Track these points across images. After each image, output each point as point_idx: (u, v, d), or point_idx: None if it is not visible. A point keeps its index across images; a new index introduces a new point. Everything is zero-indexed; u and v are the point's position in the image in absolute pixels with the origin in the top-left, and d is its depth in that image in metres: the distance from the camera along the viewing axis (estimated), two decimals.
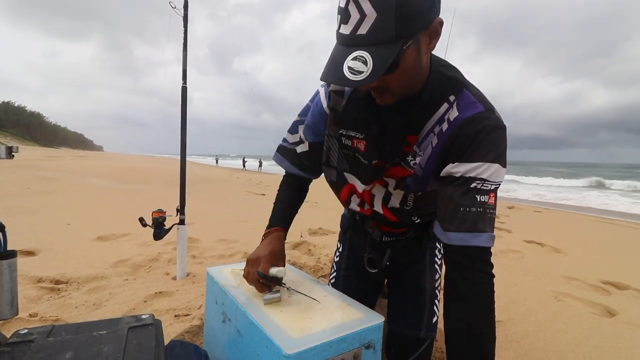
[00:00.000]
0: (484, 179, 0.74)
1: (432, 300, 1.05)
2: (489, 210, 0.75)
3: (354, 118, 0.91)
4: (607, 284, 2.22)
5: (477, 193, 0.74)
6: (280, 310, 0.79)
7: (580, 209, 8.11)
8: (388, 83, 0.72)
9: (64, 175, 8.51)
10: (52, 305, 1.51)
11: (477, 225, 0.73)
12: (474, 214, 0.74)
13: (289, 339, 0.66)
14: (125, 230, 2.94)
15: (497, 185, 0.76)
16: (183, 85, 1.85)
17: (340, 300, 0.87)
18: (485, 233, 0.73)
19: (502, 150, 0.77)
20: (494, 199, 0.76)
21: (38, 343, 0.74)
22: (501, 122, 0.78)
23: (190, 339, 1.26)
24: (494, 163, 0.75)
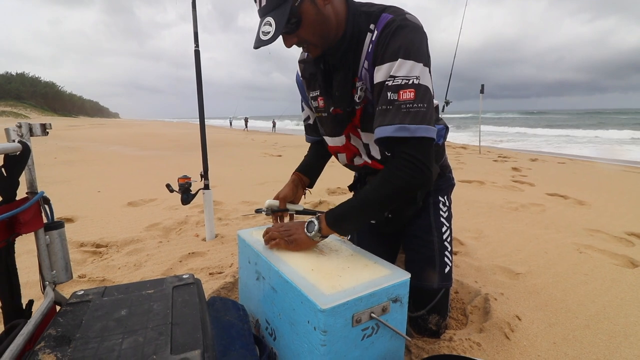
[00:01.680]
0: (393, 76, 0.82)
1: (441, 252, 1.12)
2: (402, 105, 0.81)
3: (308, 76, 1.08)
4: (632, 235, 2.20)
5: (388, 91, 0.83)
6: (312, 269, 0.84)
7: (607, 158, 7.80)
8: (303, 37, 0.87)
9: (86, 144, 8.76)
10: (97, 267, 1.64)
11: (384, 120, 0.83)
12: (384, 112, 0.83)
13: (323, 295, 0.71)
14: (153, 196, 3.07)
15: (411, 80, 0.81)
16: (196, 49, 1.81)
17: (367, 258, 0.91)
18: (392, 125, 0.81)
19: (410, 44, 0.82)
20: (412, 93, 0.81)
21: (95, 302, 0.82)
22: (408, 21, 0.85)
23: (226, 294, 1.36)
24: (404, 59, 0.82)
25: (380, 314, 0.76)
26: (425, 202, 1.16)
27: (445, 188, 1.21)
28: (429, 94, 0.82)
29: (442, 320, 1.11)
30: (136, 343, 0.66)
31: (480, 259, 1.79)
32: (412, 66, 0.81)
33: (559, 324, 1.24)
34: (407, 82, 0.81)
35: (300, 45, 0.92)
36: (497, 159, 6.47)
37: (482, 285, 1.49)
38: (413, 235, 1.17)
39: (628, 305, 1.37)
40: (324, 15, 0.86)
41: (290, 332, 0.81)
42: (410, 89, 0.80)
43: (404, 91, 0.80)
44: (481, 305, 1.33)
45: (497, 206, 2.87)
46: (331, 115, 1.03)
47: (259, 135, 15.47)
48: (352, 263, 0.89)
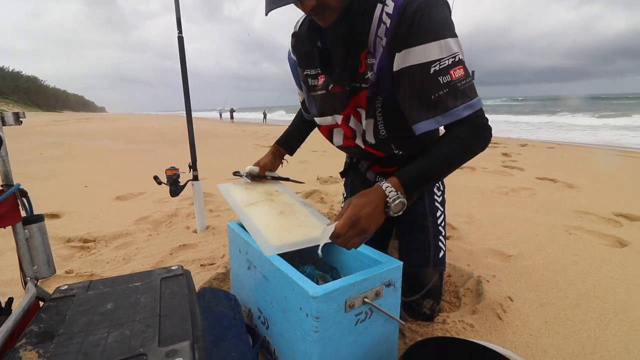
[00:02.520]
0: (438, 59, 0.76)
1: (436, 237, 1.11)
2: (458, 84, 0.77)
3: (303, 52, 1.00)
4: (620, 216, 2.24)
5: (438, 75, 0.77)
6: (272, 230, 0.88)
7: (595, 142, 7.92)
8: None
9: (72, 139, 8.56)
10: (85, 262, 1.60)
11: (447, 105, 0.77)
12: (443, 97, 0.77)
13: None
14: (141, 189, 3.01)
15: (457, 57, 0.77)
16: (179, 35, 1.74)
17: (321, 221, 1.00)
18: (456, 108, 0.77)
19: (443, 21, 0.78)
20: (461, 70, 0.77)
21: (79, 297, 0.79)
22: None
23: (218, 285, 1.34)
24: (442, 39, 0.76)
25: (374, 299, 0.75)
26: None
27: None
28: (466, 65, 0.80)
29: (436, 304, 1.12)
30: (122, 336, 0.64)
31: (472, 243, 1.80)
32: (452, 43, 0.77)
33: (550, 304, 1.25)
34: (454, 59, 0.77)
35: (317, 10, 0.80)
36: None
37: (475, 268, 1.50)
38: (408, 220, 1.15)
39: (617, 283, 1.39)
40: None
41: (282, 320, 0.79)
42: (459, 65, 0.77)
43: (454, 70, 0.77)
44: (474, 287, 1.34)
45: (488, 191, 2.89)
46: (330, 93, 0.96)
47: (250, 127, 15.31)
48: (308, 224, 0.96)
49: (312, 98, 1.07)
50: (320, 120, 1.07)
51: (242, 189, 1.19)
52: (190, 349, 0.60)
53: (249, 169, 1.25)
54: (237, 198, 1.12)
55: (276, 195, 1.17)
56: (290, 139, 1.35)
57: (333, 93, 0.95)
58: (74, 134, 10.48)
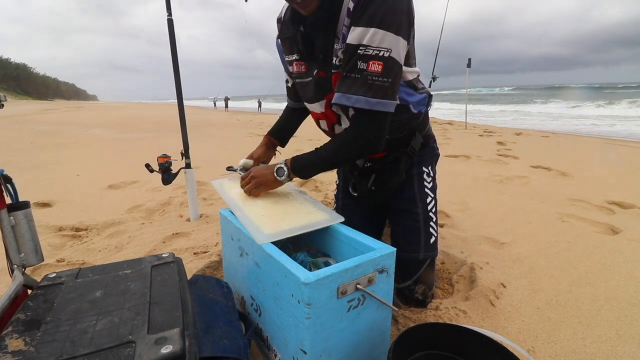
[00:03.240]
0: (366, 45, 0.80)
1: (426, 223, 1.12)
2: (369, 76, 0.81)
3: (287, 38, 1.02)
4: (613, 203, 2.25)
5: (359, 59, 0.81)
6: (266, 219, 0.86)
7: (590, 132, 7.95)
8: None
9: (63, 127, 8.41)
10: (77, 251, 1.58)
11: (352, 88, 0.83)
12: (352, 79, 0.83)
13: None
14: (134, 178, 2.97)
15: (382, 52, 0.80)
16: (169, 17, 1.69)
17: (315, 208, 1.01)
18: (356, 95, 0.82)
19: (391, 15, 0.79)
20: (380, 66, 0.80)
21: (68, 285, 0.77)
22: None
23: (211, 273, 1.33)
24: (377, 28, 0.79)
25: (367, 285, 0.74)
26: (409, 173, 1.14)
27: (429, 158, 1.18)
28: (396, 68, 0.83)
29: (429, 290, 1.12)
30: (111, 324, 0.63)
31: (466, 230, 1.80)
32: (385, 37, 0.79)
33: (543, 290, 1.26)
34: (378, 53, 0.80)
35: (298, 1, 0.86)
36: (482, 133, 6.51)
37: (468, 255, 1.51)
38: (398, 207, 1.16)
39: (609, 270, 1.41)
40: None
41: (275, 307, 0.79)
42: (379, 61, 0.80)
43: (373, 62, 0.81)
44: (467, 274, 1.34)
45: (483, 179, 2.89)
46: (315, 79, 0.99)
47: (244, 116, 15.15)
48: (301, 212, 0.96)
49: (298, 86, 1.10)
50: (312, 107, 1.09)
51: (237, 184, 1.16)
52: (180, 336, 0.60)
53: (243, 162, 1.23)
54: (232, 194, 1.10)
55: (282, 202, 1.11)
56: (281, 130, 1.34)
57: (318, 78, 0.98)
58: (66, 122, 10.30)
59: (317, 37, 0.94)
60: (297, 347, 0.71)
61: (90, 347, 0.56)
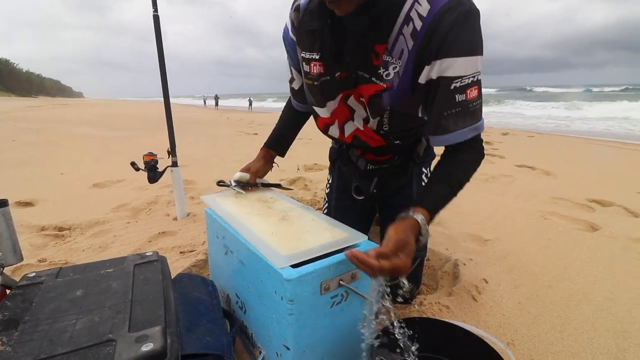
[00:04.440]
0: (461, 77, 0.74)
1: None
2: (470, 104, 0.77)
3: (309, 31, 0.87)
4: (593, 201, 2.32)
5: (456, 92, 0.75)
6: (278, 237, 0.82)
7: (572, 132, 8.15)
8: None
9: (48, 125, 8.22)
10: (60, 251, 1.55)
11: (457, 124, 0.77)
12: (454, 115, 0.77)
13: (289, 264, 0.69)
14: (120, 177, 2.93)
15: (475, 76, 0.76)
16: (154, 14, 1.67)
17: (337, 226, 0.89)
18: (464, 129, 0.77)
19: (477, 38, 0.75)
20: (476, 90, 0.77)
21: (48, 284, 0.76)
22: (474, 5, 0.74)
23: (198, 272, 1.33)
24: (471, 56, 0.74)
25: (350, 281, 0.75)
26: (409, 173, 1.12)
27: (428, 160, 1.17)
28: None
29: (416, 289, 1.14)
30: (91, 323, 0.62)
31: (451, 228, 1.83)
32: (476, 62, 0.75)
33: (524, 286, 1.30)
34: (473, 79, 0.75)
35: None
36: None
37: (453, 252, 1.53)
38: (395, 204, 1.13)
39: (587, 266, 1.45)
40: None
41: (259, 304, 0.79)
42: (475, 86, 0.76)
43: (470, 90, 0.76)
44: (451, 270, 1.37)
45: None
46: (334, 79, 0.87)
47: (235, 114, 15.03)
48: (322, 230, 0.87)
49: (309, 87, 0.96)
50: (321, 112, 0.99)
51: (232, 199, 1.07)
52: (161, 334, 0.59)
53: (238, 175, 1.11)
54: (230, 209, 0.99)
55: (272, 202, 1.05)
56: (280, 140, 1.21)
57: (338, 80, 0.87)
58: (50, 120, 10.07)
59: (351, 41, 0.81)
60: (280, 344, 0.72)
61: (69, 346, 0.56)
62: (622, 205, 2.23)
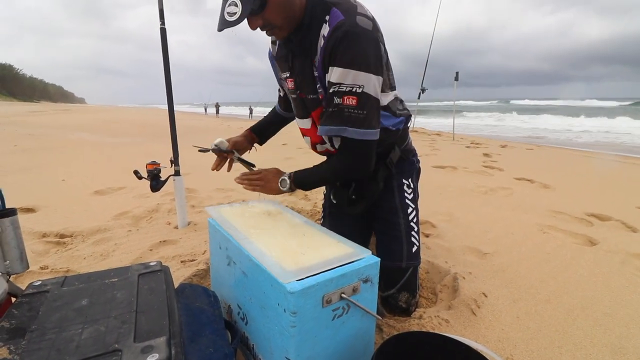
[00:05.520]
0: (339, 84, 0.89)
1: (408, 233, 1.16)
2: (345, 109, 0.91)
3: (280, 57, 1.09)
4: (591, 216, 2.34)
5: (334, 95, 0.91)
6: (282, 251, 0.83)
7: (570, 144, 8.21)
8: (268, 19, 0.88)
9: (50, 131, 8.26)
10: (61, 258, 1.56)
11: (332, 121, 0.93)
12: (331, 113, 0.94)
13: (293, 277, 0.70)
14: (121, 184, 2.94)
15: (355, 88, 0.89)
16: (162, 27, 1.71)
17: (339, 241, 0.91)
18: (336, 127, 0.93)
19: (359, 54, 0.88)
20: (354, 100, 0.90)
21: (53, 293, 0.77)
22: (358, 27, 0.88)
23: (198, 281, 1.34)
24: (349, 69, 0.88)
25: (351, 294, 0.76)
26: (390, 185, 1.19)
27: (408, 171, 1.23)
28: (370, 101, 0.91)
29: (412, 298, 1.15)
30: (97, 332, 0.63)
31: (450, 241, 1.85)
32: (357, 75, 0.88)
33: (523, 300, 1.30)
34: (351, 89, 0.89)
35: (265, 28, 0.92)
36: (469, 145, 6.65)
37: (452, 265, 1.54)
38: (381, 217, 1.20)
39: (585, 281, 1.46)
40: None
41: (261, 316, 0.80)
42: (353, 96, 0.90)
43: (347, 97, 0.89)
44: (450, 284, 1.38)
45: (468, 190, 2.96)
46: (299, 98, 1.09)
47: (236, 122, 15.13)
48: (323, 244, 0.89)
49: (291, 100, 1.17)
50: (300, 123, 1.17)
51: (238, 211, 1.12)
52: (166, 345, 0.61)
53: (218, 141, 1.23)
54: (234, 222, 1.02)
55: (277, 215, 1.10)
56: (263, 129, 1.39)
57: (301, 98, 1.08)
58: (52, 125, 10.12)
59: (296, 62, 1.03)
60: (282, 356, 0.72)
61: (76, 356, 0.57)
62: (620, 219, 2.25)
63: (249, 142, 1.34)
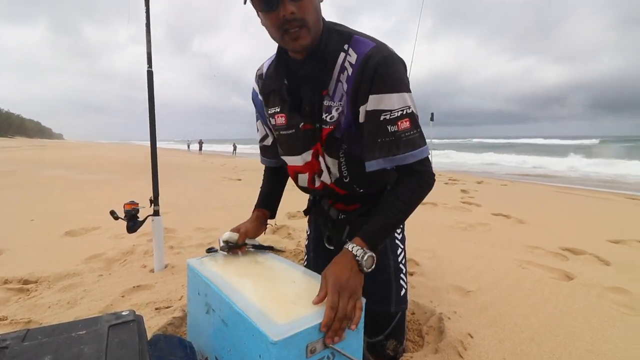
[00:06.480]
0: (389, 110, 0.86)
1: (397, 275, 1.11)
2: (402, 135, 0.86)
3: (270, 92, 1.03)
4: (566, 250, 2.41)
5: (387, 124, 0.86)
6: (265, 298, 0.80)
7: (541, 178, 8.61)
8: (305, 11, 0.81)
9: (23, 167, 7.96)
10: (22, 307, 1.45)
11: (391, 151, 0.87)
12: (387, 143, 0.87)
13: (275, 326, 0.68)
14: (96, 224, 2.82)
15: (403, 109, 0.87)
16: (148, 69, 1.75)
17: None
18: (399, 155, 0.86)
19: (399, 76, 0.88)
20: (408, 122, 0.87)
21: (13, 349, 0.71)
22: (395, 53, 0.89)
23: (173, 331, 1.26)
24: (395, 92, 0.86)
25: (336, 342, 0.74)
26: None
27: None
28: (417, 119, 0.90)
29: (400, 345, 1.11)
30: None
31: (434, 279, 1.84)
32: (402, 97, 0.86)
33: (508, 340, 1.29)
34: (402, 112, 0.86)
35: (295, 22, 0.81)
36: (447, 181, 6.87)
37: (437, 304, 1.53)
38: None
39: (565, 316, 1.47)
40: (319, 7, 0.87)
41: None
42: (406, 118, 0.86)
43: (401, 122, 0.86)
44: (436, 325, 1.36)
45: (449, 226, 3.01)
46: (300, 131, 0.98)
47: (218, 159, 15.10)
48: (307, 289, 0.86)
49: (279, 138, 1.07)
50: (291, 160, 1.06)
51: (220, 260, 1.04)
52: None
53: (227, 236, 1.06)
54: (217, 270, 0.95)
55: (263, 262, 1.03)
56: (269, 198, 1.24)
57: (304, 131, 0.97)
58: (25, 161, 9.78)
59: (304, 91, 0.95)
60: None
61: None
62: (593, 253, 2.32)
63: (262, 224, 1.17)
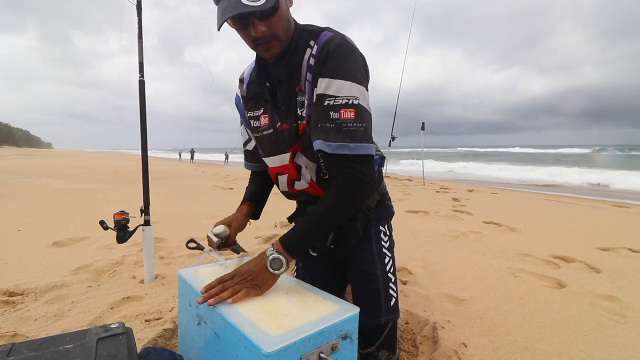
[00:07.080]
0: (334, 96, 0.86)
1: (386, 284, 1.10)
2: (344, 124, 0.85)
3: (254, 96, 1.05)
4: (557, 258, 2.43)
5: (330, 109, 0.86)
6: (258, 309, 0.79)
7: (531, 187, 8.74)
8: (274, 27, 0.85)
9: (9, 177, 7.80)
10: (8, 320, 1.40)
11: (329, 136, 0.85)
12: (327, 128, 0.86)
13: (268, 337, 0.67)
14: (84, 234, 2.77)
15: (351, 100, 0.86)
16: (140, 79, 1.75)
17: (315, 294, 0.89)
18: (335, 143, 0.85)
19: (351, 66, 0.88)
20: (352, 113, 0.86)
21: None
22: (347, 42, 0.91)
23: (164, 343, 1.23)
24: (344, 80, 0.86)
25: (330, 353, 0.73)
26: (367, 232, 1.13)
27: (385, 217, 1.19)
28: (366, 114, 0.88)
29: (392, 355, 1.10)
30: None
31: (427, 288, 1.84)
32: (352, 87, 0.86)
33: (501, 348, 1.29)
34: (348, 102, 0.85)
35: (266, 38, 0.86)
36: (439, 190, 6.92)
37: (431, 314, 1.53)
38: (357, 268, 1.12)
39: (559, 325, 1.48)
40: (289, 14, 0.91)
41: None
42: (351, 109, 0.85)
43: (344, 110, 0.85)
44: (430, 334, 1.35)
45: (441, 235, 3.02)
46: (277, 131, 1.00)
47: (210, 168, 15.02)
48: (299, 300, 0.86)
49: (259, 140, 1.09)
50: (271, 161, 1.08)
51: (212, 271, 1.01)
52: None
53: (221, 229, 1.02)
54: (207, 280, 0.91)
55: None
56: (257, 197, 1.23)
57: (281, 131, 0.99)
58: (12, 171, 9.58)
59: (280, 89, 0.99)
60: None
61: None
62: (584, 261, 2.35)
63: (247, 217, 1.16)
